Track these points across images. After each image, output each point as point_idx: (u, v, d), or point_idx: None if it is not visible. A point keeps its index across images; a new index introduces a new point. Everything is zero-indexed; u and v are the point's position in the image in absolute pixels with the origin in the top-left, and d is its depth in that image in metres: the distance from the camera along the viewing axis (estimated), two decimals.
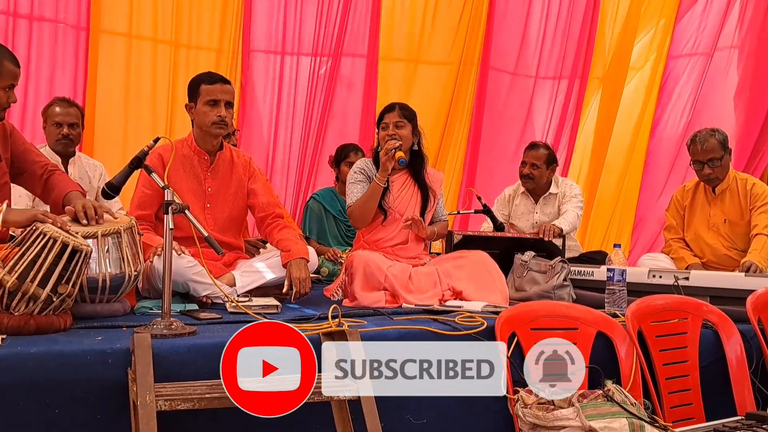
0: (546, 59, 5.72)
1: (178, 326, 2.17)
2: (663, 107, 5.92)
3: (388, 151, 3.13)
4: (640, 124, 5.88)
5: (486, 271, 3.13)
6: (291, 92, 5.03)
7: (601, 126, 5.81)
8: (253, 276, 3.00)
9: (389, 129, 3.25)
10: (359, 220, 3.25)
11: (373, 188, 3.20)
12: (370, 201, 3.21)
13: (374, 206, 3.22)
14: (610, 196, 5.90)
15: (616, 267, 2.96)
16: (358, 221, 3.26)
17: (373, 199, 3.21)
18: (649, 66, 5.88)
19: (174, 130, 4.59)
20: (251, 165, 3.23)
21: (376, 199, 3.21)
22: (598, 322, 2.55)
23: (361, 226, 3.29)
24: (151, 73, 4.64)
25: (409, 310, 2.78)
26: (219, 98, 2.98)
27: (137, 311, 2.60)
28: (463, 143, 5.55)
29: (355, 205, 3.23)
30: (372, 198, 3.20)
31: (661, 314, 2.67)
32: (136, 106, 4.61)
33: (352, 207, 3.24)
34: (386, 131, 3.25)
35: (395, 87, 5.29)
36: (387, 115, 3.28)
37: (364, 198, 3.21)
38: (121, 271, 2.43)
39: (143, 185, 3.01)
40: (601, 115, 5.83)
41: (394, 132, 3.23)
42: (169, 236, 2.22)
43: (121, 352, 1.96)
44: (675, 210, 4.01)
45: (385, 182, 3.20)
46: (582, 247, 4.75)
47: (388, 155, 3.13)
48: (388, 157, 3.13)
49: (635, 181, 5.94)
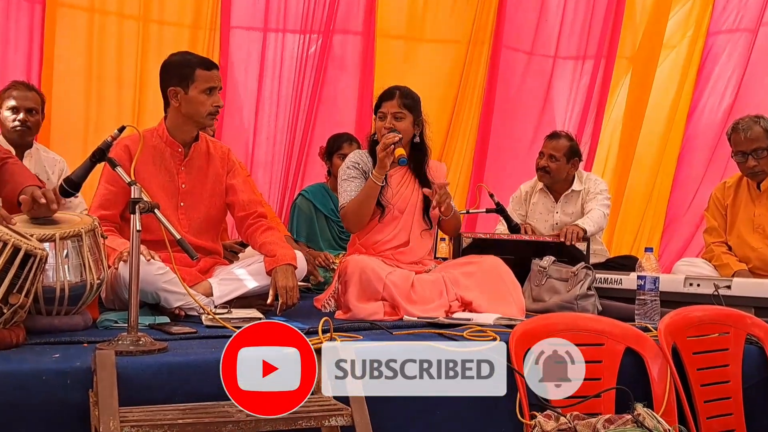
0: (567, 36, 5.71)
1: (147, 342, 2.16)
2: (701, 91, 5.92)
3: (386, 146, 3.13)
4: (674, 110, 5.88)
5: (499, 279, 3.13)
6: (276, 75, 5.02)
7: (631, 113, 5.81)
8: (232, 284, 3.00)
9: (386, 120, 3.25)
10: (354, 223, 3.25)
11: (370, 187, 3.20)
12: (367, 201, 3.21)
13: (371, 207, 3.23)
14: (641, 193, 5.90)
15: (648, 274, 2.97)
16: (353, 225, 3.26)
17: (370, 200, 3.21)
18: (686, 44, 5.88)
19: (143, 118, 4.58)
20: (230, 157, 3.23)
21: (373, 199, 3.22)
22: (627, 336, 2.54)
23: (355, 230, 3.29)
24: (117, 53, 4.64)
25: (411, 324, 2.77)
26: (216, 85, 3.01)
27: (100, 325, 2.60)
28: (472, 133, 5.55)
29: (349, 207, 3.23)
30: (369, 198, 3.20)
31: (699, 328, 2.67)
32: (99, 90, 4.60)
33: (346, 208, 3.24)
34: (383, 122, 3.25)
35: (395, 68, 5.28)
36: (385, 104, 3.29)
37: (360, 198, 3.21)
38: (82, 279, 2.42)
39: (107, 181, 3.01)
40: (631, 101, 5.83)
41: (392, 124, 3.23)
42: (136, 239, 2.21)
43: (82, 371, 1.95)
44: (715, 210, 4.02)
45: (383, 180, 3.21)
46: (609, 251, 4.75)
47: (387, 151, 3.13)
48: (386, 153, 3.13)
49: (669, 176, 5.94)
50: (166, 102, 3.07)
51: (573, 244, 3.69)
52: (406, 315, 2.92)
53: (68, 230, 2.41)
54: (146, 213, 2.27)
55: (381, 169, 3.18)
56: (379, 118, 3.29)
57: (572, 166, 4.24)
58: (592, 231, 3.87)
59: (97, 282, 2.48)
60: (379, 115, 3.29)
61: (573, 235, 3.70)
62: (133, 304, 2.19)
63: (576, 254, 3.66)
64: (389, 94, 3.30)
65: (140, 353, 2.10)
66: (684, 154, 5.96)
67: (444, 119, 5.41)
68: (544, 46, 5.69)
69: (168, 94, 3.04)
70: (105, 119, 4.57)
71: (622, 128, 5.88)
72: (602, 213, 4.03)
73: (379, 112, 3.30)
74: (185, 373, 2.03)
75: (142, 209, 2.24)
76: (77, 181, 2.51)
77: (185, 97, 3.00)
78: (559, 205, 4.29)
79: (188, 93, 2.99)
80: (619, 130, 5.91)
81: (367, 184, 3.20)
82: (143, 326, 2.52)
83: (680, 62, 5.89)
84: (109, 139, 2.46)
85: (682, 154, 5.95)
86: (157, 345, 2.17)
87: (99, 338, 2.27)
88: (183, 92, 3.00)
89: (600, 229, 4.04)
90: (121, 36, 4.64)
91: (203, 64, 3.03)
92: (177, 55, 3.10)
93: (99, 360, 1.88)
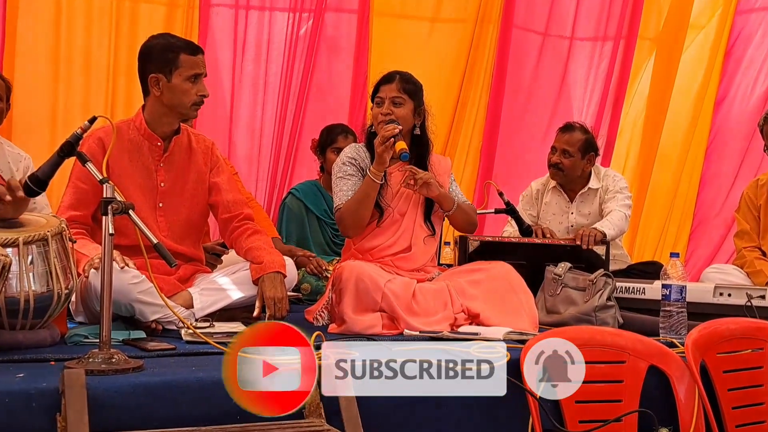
0: (584, 15, 5.73)
1: (121, 360, 2.16)
2: (730, 76, 5.94)
3: (385, 139, 3.12)
4: (701, 99, 5.89)
5: (509, 288, 3.13)
6: (262, 58, 5.02)
7: (654, 101, 5.83)
8: (215, 295, 3.00)
9: (384, 106, 3.25)
10: (351, 227, 3.25)
11: (368, 185, 3.19)
12: (365, 202, 3.21)
13: (370, 208, 3.23)
14: (666, 192, 5.91)
15: (674, 282, 2.97)
16: (350, 228, 3.26)
17: (368, 200, 3.21)
18: (714, 24, 5.89)
19: (116, 108, 4.57)
20: (214, 152, 3.22)
21: (371, 200, 3.22)
22: (650, 353, 2.55)
23: (353, 235, 3.29)
24: (85, 33, 4.62)
25: (413, 338, 2.78)
26: (202, 72, 3.01)
27: (68, 340, 2.59)
28: (479, 124, 5.56)
29: (345, 208, 3.23)
30: (367, 198, 3.20)
31: (731, 343, 2.68)
32: (67, 76, 4.59)
33: (342, 210, 3.24)
34: (380, 108, 3.25)
35: (393, 51, 5.29)
36: (383, 87, 3.28)
37: (357, 198, 3.21)
38: (49, 289, 2.41)
39: (77, 178, 3.00)
40: (654, 87, 5.85)
41: (390, 110, 3.23)
42: (109, 244, 2.21)
43: (48, 392, 1.94)
44: (747, 211, 4.02)
45: (381, 178, 3.20)
46: (630, 257, 4.76)
47: (386, 145, 3.12)
48: (385, 147, 3.12)
49: (696, 173, 5.95)
50: (145, 90, 3.06)
51: (591, 249, 3.69)
52: (407, 328, 2.91)
53: (33, 234, 2.40)
54: (120, 214, 2.26)
55: (380, 165, 3.18)
56: (376, 104, 3.29)
57: (588, 161, 4.24)
58: (612, 235, 3.87)
59: (65, 292, 2.47)
60: (377, 100, 3.29)
61: (591, 238, 3.71)
62: (105, 317, 2.19)
63: (594, 260, 3.66)
64: (388, 78, 3.30)
65: (113, 372, 2.10)
66: (712, 147, 5.97)
67: (448, 109, 5.41)
68: (560, 26, 5.70)
69: (149, 82, 3.02)
70: (73, 109, 4.55)
71: (645, 118, 5.89)
72: (623, 214, 4.03)
73: (376, 98, 3.30)
74: (163, 394, 2.02)
75: (115, 210, 2.24)
76: (43, 178, 2.49)
77: (167, 85, 2.99)
78: (575, 205, 4.29)
79: (171, 81, 2.98)
80: (641, 120, 5.92)
81: (365, 182, 3.20)
82: (116, 342, 2.50)
83: (708, 44, 5.90)
84: (79, 132, 2.45)
85: (710, 147, 5.97)
86: (132, 363, 2.17)
87: (67, 355, 2.26)
88: (165, 80, 2.98)
89: (621, 232, 4.05)
90: (91, 14, 4.63)
91: (188, 48, 3.01)
92: (158, 38, 3.08)
93: (67, 380, 1.88)
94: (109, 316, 2.20)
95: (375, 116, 3.27)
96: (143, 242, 2.39)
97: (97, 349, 2.17)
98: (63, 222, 2.55)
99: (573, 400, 2.41)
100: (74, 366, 2.08)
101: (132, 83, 4.48)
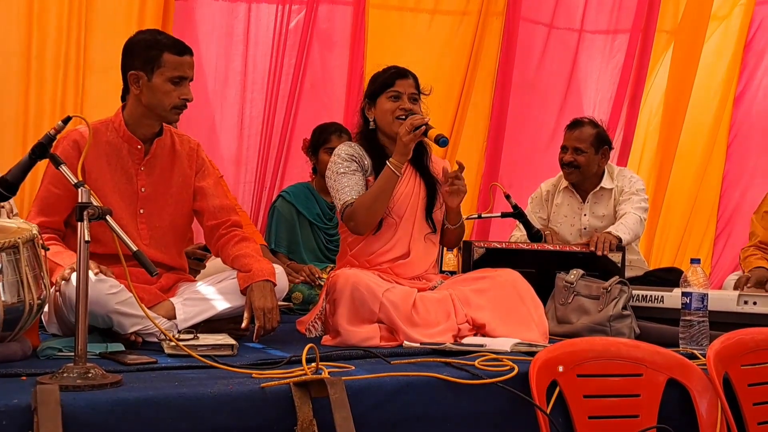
0: (596, 5, 5.74)
1: (97, 374, 2.15)
2: (752, 70, 5.95)
3: (414, 127, 3.15)
4: (725, 94, 5.90)
5: (517, 297, 3.14)
6: (249, 53, 5.02)
7: (673, 96, 5.84)
8: (199, 305, 3.00)
9: (403, 101, 3.29)
10: (365, 223, 3.26)
11: (387, 179, 3.22)
12: (382, 197, 3.23)
13: (386, 204, 3.26)
14: (686, 193, 5.92)
15: (695, 290, 2.97)
16: (363, 225, 3.26)
17: (386, 195, 3.24)
18: (738, 14, 5.91)
19: (85, 106, 4.56)
20: (199, 154, 3.23)
21: (389, 195, 3.25)
22: (669, 365, 2.56)
23: (364, 231, 3.30)
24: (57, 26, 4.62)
25: (413, 351, 2.78)
26: (187, 75, 3.02)
27: (41, 354, 2.59)
28: (484, 122, 5.56)
29: (359, 203, 3.23)
30: (385, 192, 3.23)
31: (756, 355, 2.69)
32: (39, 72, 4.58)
33: (355, 206, 3.23)
34: (398, 102, 3.29)
35: (391, 45, 5.30)
36: (400, 82, 3.33)
37: (374, 193, 3.22)
38: (20, 299, 2.41)
39: (50, 182, 3.01)
40: (673, 83, 5.86)
41: (410, 106, 3.28)
42: (84, 251, 2.21)
43: (19, 410, 1.94)
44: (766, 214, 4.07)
45: (402, 170, 3.24)
46: (648, 263, 4.76)
47: (415, 133, 3.15)
48: (414, 135, 3.16)
49: (718, 172, 5.96)
50: (126, 88, 3.07)
51: (605, 255, 3.70)
52: (407, 340, 2.92)
53: (2, 241, 2.40)
54: (96, 220, 2.26)
55: (403, 156, 3.21)
56: (391, 98, 3.32)
57: (602, 156, 4.26)
58: (628, 239, 3.88)
59: (37, 302, 2.47)
60: (392, 93, 3.32)
61: (605, 243, 3.71)
62: (80, 329, 2.18)
63: (609, 267, 3.67)
64: (403, 73, 3.35)
65: (89, 388, 2.09)
66: (733, 145, 5.98)
67: (450, 106, 5.41)
68: (569, 17, 5.72)
69: (128, 79, 3.03)
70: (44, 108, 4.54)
71: (663, 114, 5.90)
72: (638, 218, 4.04)
73: (391, 91, 3.32)
74: (144, 411, 2.02)
75: (91, 216, 2.24)
76: (13, 182, 2.50)
77: (147, 85, 2.99)
78: (587, 206, 4.30)
79: (151, 80, 2.98)
80: (657, 117, 5.93)
81: (384, 176, 3.22)
82: (93, 355, 2.51)
83: (730, 36, 5.92)
84: (52, 132, 2.46)
85: (730, 145, 5.98)
86: (110, 378, 2.16)
87: (40, 370, 2.26)
88: (146, 78, 2.99)
89: (636, 236, 4.06)
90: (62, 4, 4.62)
91: (175, 47, 3.01)
92: (145, 33, 3.09)
93: (40, 396, 1.87)
94: (84, 327, 2.20)
95: (391, 110, 3.30)
96: (122, 250, 2.40)
97: (72, 363, 2.17)
98: (35, 228, 2.55)
99: (586, 416, 2.42)
100: (47, 381, 2.07)
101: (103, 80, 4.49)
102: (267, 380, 2.20)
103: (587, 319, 3.29)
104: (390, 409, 2.29)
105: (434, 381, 2.37)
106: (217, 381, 2.21)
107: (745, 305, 3.29)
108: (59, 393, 1.91)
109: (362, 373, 2.36)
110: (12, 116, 4.52)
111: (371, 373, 2.37)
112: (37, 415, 1.87)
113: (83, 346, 2.18)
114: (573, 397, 2.40)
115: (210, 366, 2.41)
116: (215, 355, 2.60)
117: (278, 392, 2.16)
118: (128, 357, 2.54)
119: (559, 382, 2.43)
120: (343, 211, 3.27)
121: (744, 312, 3.27)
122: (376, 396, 2.28)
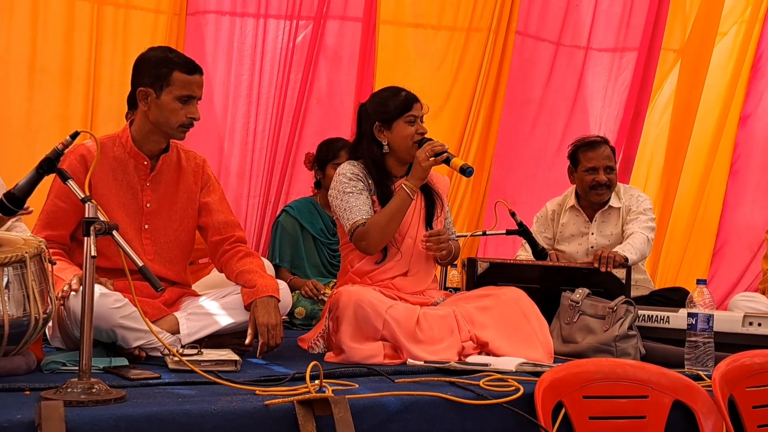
0: (602, 24, 5.75)
1: (101, 389, 2.16)
2: (757, 88, 5.95)
3: (436, 153, 3.22)
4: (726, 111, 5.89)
5: (521, 315, 3.14)
6: (255, 68, 5.02)
7: (680, 115, 5.83)
8: (203, 320, 3.01)
9: (418, 124, 3.36)
10: (377, 243, 3.28)
11: (402, 201, 3.27)
12: (397, 218, 3.27)
13: (399, 224, 3.30)
14: (688, 212, 5.90)
15: (701, 311, 2.97)
16: (375, 245, 3.29)
17: (400, 216, 3.29)
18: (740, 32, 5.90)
19: (96, 121, 4.58)
20: (205, 170, 3.25)
21: (403, 216, 3.30)
22: (675, 386, 2.56)
23: (375, 252, 3.32)
24: (65, 40, 4.64)
25: (417, 369, 2.78)
26: (195, 95, 3.03)
27: (45, 368, 2.60)
28: (491, 139, 5.56)
29: (372, 223, 3.25)
30: (398, 214, 3.27)
31: (762, 377, 2.68)
32: (43, 86, 4.60)
33: (368, 225, 3.24)
34: (414, 127, 3.34)
35: (401, 62, 5.31)
36: (416, 105, 3.38)
37: (389, 214, 3.25)
38: (25, 313, 2.42)
39: (56, 196, 3.02)
40: (679, 101, 5.85)
41: (425, 129, 3.36)
42: (90, 266, 2.22)
43: (23, 425, 1.95)
44: None
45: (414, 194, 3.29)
46: (654, 282, 4.76)
47: (436, 159, 3.23)
48: (432, 161, 3.23)
49: (719, 192, 5.96)
50: (132, 104, 3.09)
51: (611, 273, 3.69)
52: (411, 358, 2.92)
53: (9, 254, 2.41)
54: (103, 235, 2.27)
55: (419, 180, 3.28)
56: (408, 122, 3.35)
57: None
58: (634, 259, 3.87)
59: (43, 317, 2.48)
60: (409, 118, 3.35)
61: (611, 262, 3.70)
62: (85, 344, 2.19)
63: (614, 286, 3.66)
64: (414, 96, 3.40)
65: (93, 403, 2.10)
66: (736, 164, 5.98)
67: (459, 122, 5.41)
68: (575, 35, 5.72)
69: (137, 95, 3.05)
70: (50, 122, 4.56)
71: (670, 133, 5.89)
72: (645, 237, 4.03)
73: (408, 115, 3.35)
74: (147, 427, 2.03)
75: (98, 231, 2.25)
76: (20, 196, 2.51)
77: (155, 102, 3.01)
78: (595, 224, 4.30)
79: (160, 97, 3.00)
80: (663, 136, 5.93)
81: (398, 198, 3.26)
82: (97, 370, 2.52)
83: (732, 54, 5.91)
84: (60, 147, 2.47)
85: (733, 164, 5.98)
86: (114, 393, 2.17)
87: (44, 385, 2.26)
88: (154, 95, 3.00)
89: (642, 256, 4.05)
90: (71, 20, 4.63)
91: (185, 66, 3.03)
92: (156, 51, 3.11)
93: (44, 412, 1.88)
94: (89, 342, 2.20)
95: (409, 135, 3.33)
96: (127, 265, 2.40)
97: (76, 378, 2.18)
98: (42, 242, 2.56)
99: None
100: (51, 396, 2.08)
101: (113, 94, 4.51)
102: (271, 398, 2.20)
103: (593, 338, 3.29)
104: (394, 428, 2.30)
105: (439, 400, 2.37)
106: (221, 398, 2.22)
107: (750, 326, 3.29)
108: (63, 408, 1.91)
109: (366, 392, 2.36)
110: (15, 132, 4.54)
111: (375, 391, 2.37)
112: (40, 431, 1.87)
113: (88, 361, 2.19)
114: (578, 419, 2.40)
115: (213, 382, 2.41)
116: (218, 371, 2.60)
117: (282, 410, 2.17)
118: (132, 372, 2.54)
119: (565, 403, 2.42)
120: (353, 230, 3.27)
121: (749, 333, 3.27)
122: (380, 415, 2.29)
